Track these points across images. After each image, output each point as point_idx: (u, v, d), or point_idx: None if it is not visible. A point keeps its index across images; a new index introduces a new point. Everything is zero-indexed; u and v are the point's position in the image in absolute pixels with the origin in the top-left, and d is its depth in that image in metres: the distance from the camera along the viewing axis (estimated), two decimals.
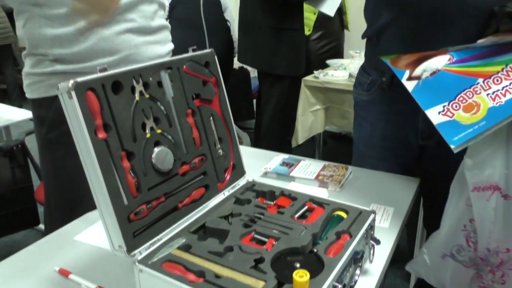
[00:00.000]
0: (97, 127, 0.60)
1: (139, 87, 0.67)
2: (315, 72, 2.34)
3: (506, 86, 0.77)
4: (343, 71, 2.34)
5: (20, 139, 1.86)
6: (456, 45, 0.84)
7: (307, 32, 2.85)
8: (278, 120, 2.27)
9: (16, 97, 4.68)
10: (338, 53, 2.98)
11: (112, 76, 0.63)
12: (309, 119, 2.31)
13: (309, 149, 2.84)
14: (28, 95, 0.97)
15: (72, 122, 0.59)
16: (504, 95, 0.76)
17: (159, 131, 0.69)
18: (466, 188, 0.83)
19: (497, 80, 0.78)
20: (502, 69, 0.78)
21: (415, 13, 0.89)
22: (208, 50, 0.82)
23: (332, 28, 2.85)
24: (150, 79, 0.69)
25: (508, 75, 0.77)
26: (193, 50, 0.79)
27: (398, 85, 0.85)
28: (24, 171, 1.87)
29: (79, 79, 0.58)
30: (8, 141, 1.92)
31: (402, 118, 1.01)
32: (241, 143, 2.83)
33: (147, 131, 0.67)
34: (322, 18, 2.62)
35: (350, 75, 2.21)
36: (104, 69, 0.62)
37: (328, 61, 2.64)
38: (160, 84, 0.71)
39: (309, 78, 2.29)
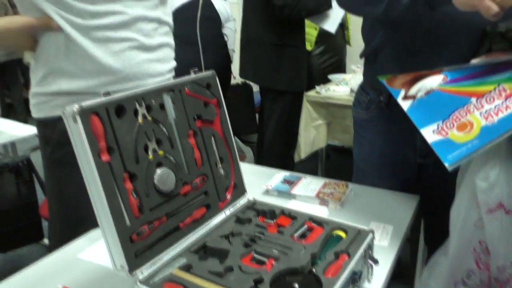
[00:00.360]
0: (100, 150, 0.62)
1: (142, 110, 0.69)
2: (317, 87, 2.37)
3: (498, 105, 0.78)
4: (344, 86, 2.37)
5: (25, 155, 1.89)
6: (450, 65, 0.86)
7: (309, 47, 2.89)
8: (281, 135, 2.29)
9: (21, 112, 4.74)
10: (340, 68, 3.01)
11: (115, 100, 0.65)
12: (311, 134, 2.34)
13: (312, 164, 2.85)
14: (34, 114, 1.00)
15: (77, 145, 0.61)
16: (497, 114, 0.78)
17: (161, 152, 0.71)
18: (473, 210, 0.83)
19: (490, 99, 0.79)
20: (495, 89, 0.80)
21: (410, 34, 0.91)
22: (209, 72, 0.84)
23: (334, 43, 2.88)
24: (153, 102, 0.71)
25: (500, 94, 0.79)
26: (195, 72, 0.81)
27: (396, 104, 0.87)
28: (29, 186, 1.90)
29: (84, 104, 0.60)
30: (14, 157, 1.95)
31: (401, 137, 1.02)
32: (243, 158, 2.87)
33: (149, 153, 0.69)
34: (324, 33, 2.66)
35: (352, 90, 2.23)
36: (108, 93, 0.64)
37: (330, 76, 2.67)
38: (162, 106, 0.73)
39: (311, 93, 2.32)
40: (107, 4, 0.93)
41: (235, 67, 2.49)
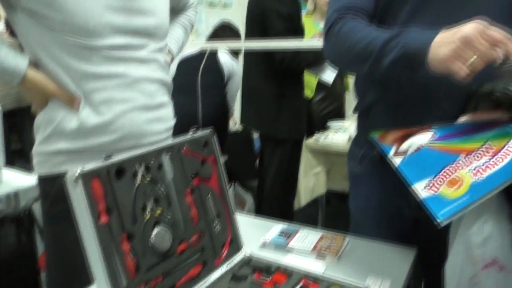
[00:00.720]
0: (100, 211, 0.64)
1: (141, 171, 0.72)
2: (316, 135, 2.42)
3: (486, 162, 0.81)
4: (343, 133, 2.41)
5: (27, 206, 1.90)
6: (440, 122, 0.90)
7: (309, 94, 2.98)
8: (280, 183, 2.31)
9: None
10: (340, 114, 3.08)
11: (116, 163, 0.68)
12: (311, 181, 2.35)
13: (312, 210, 2.84)
14: (36, 171, 1.03)
15: (76, 207, 0.63)
16: (485, 171, 0.80)
17: (158, 211, 0.73)
18: (468, 266, 0.84)
19: (478, 156, 0.82)
20: (482, 146, 0.83)
21: (399, 92, 0.95)
22: (207, 131, 0.88)
23: (334, 90, 2.97)
24: (152, 162, 0.74)
25: (488, 151, 0.82)
26: (193, 132, 0.85)
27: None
28: (30, 237, 1.90)
29: (86, 168, 0.63)
30: (16, 207, 1.96)
31: (395, 190, 1.04)
32: (244, 205, 2.87)
33: (147, 212, 0.71)
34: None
35: (350, 138, 2.27)
36: (109, 157, 0.68)
37: (329, 123, 2.72)
38: (161, 166, 0.76)
39: (310, 141, 2.36)
40: (111, 66, 0.98)
41: (237, 114, 2.56)
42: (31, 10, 0.91)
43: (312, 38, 2.54)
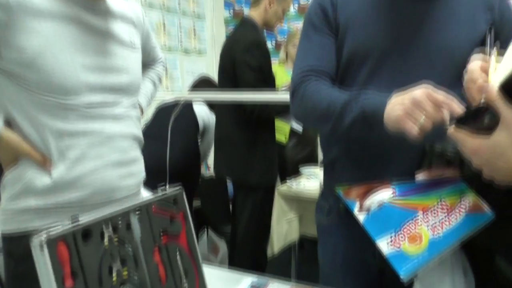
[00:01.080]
0: (65, 275, 0.64)
1: (108, 232, 0.72)
2: (288, 181, 2.45)
3: (442, 219, 0.86)
4: (314, 180, 2.46)
5: None
6: (399, 177, 0.95)
7: (283, 139, 3.04)
8: (253, 230, 2.31)
9: None
10: (313, 159, 3.14)
11: (83, 225, 0.68)
12: (284, 228, 2.36)
13: (286, 256, 2.83)
14: (0, 228, 1.01)
15: (41, 271, 0.63)
16: (442, 227, 0.85)
17: (125, 272, 0.73)
18: None
19: (434, 213, 0.87)
20: (437, 203, 0.88)
21: (361, 149, 1.01)
22: (176, 188, 0.90)
23: (307, 135, 3.05)
24: (120, 223, 0.75)
25: (443, 208, 0.87)
26: (162, 190, 0.86)
27: None
28: None
29: (52, 233, 0.64)
30: None
31: (361, 243, 1.06)
32: (217, 252, 2.84)
33: (113, 274, 0.71)
34: None
35: (321, 185, 2.31)
36: (76, 219, 0.68)
37: (302, 169, 2.77)
38: (129, 226, 0.77)
39: (282, 187, 2.39)
40: (86, 124, 0.99)
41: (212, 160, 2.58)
42: (7, 71, 0.93)
43: (283, 87, 2.63)
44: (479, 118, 0.67)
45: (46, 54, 0.92)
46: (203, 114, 2.56)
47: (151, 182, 1.22)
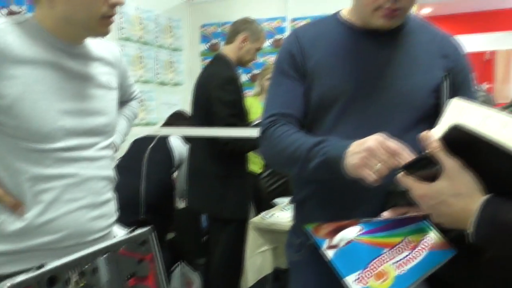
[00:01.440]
0: None
1: (74, 278, 0.71)
2: (261, 213, 2.46)
3: (407, 255, 0.88)
4: (287, 211, 2.47)
5: None
6: (366, 215, 0.98)
7: (258, 170, 3.06)
8: (227, 263, 2.29)
9: None
10: (287, 189, 3.17)
11: (48, 271, 0.68)
12: (258, 260, 2.35)
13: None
14: None
15: None
16: (406, 264, 0.87)
17: None
18: None
19: (399, 250, 0.90)
20: (402, 240, 0.91)
21: (329, 189, 1.04)
22: (145, 229, 0.89)
23: None
24: (86, 267, 0.74)
25: (407, 246, 0.90)
26: (131, 231, 0.86)
27: None
28: None
29: (16, 281, 0.63)
30: None
31: (332, 279, 1.08)
32: (191, 286, 2.78)
33: None
34: None
35: None
36: (41, 266, 0.67)
37: (275, 201, 2.78)
38: (96, 269, 0.76)
39: (256, 219, 2.39)
40: (62, 168, 0.98)
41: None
42: None
43: (257, 120, 2.67)
44: (425, 166, 0.71)
45: (25, 101, 0.92)
46: (179, 148, 2.57)
47: (123, 215, 1.21)
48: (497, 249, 0.67)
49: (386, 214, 0.95)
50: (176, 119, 2.81)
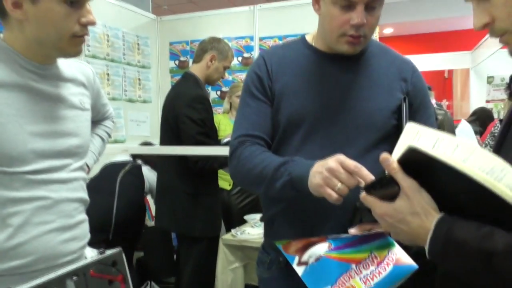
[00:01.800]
0: None
1: None
2: (232, 230, 2.46)
3: (373, 270, 0.92)
4: (258, 228, 2.48)
5: None
6: (334, 232, 1.01)
7: (227, 187, 3.06)
8: (197, 280, 2.27)
9: None
10: (258, 205, 3.18)
11: None
12: (229, 277, 2.34)
13: None
14: None
15: None
16: (372, 279, 0.91)
17: None
18: None
19: (366, 266, 0.93)
20: (368, 256, 0.94)
21: (297, 206, 1.07)
22: (116, 250, 0.89)
23: None
24: None
25: (373, 261, 0.93)
26: (101, 253, 0.86)
27: None
28: None
29: None
30: None
31: None
32: None
33: None
34: None
35: None
36: None
37: (246, 217, 2.79)
38: None
39: (227, 236, 2.39)
40: (32, 190, 0.96)
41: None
42: None
43: (226, 137, 2.69)
44: (385, 186, 0.75)
45: None
46: (150, 178, 2.59)
47: (93, 235, 1.19)
48: (449, 265, 0.71)
49: (353, 231, 0.98)
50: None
